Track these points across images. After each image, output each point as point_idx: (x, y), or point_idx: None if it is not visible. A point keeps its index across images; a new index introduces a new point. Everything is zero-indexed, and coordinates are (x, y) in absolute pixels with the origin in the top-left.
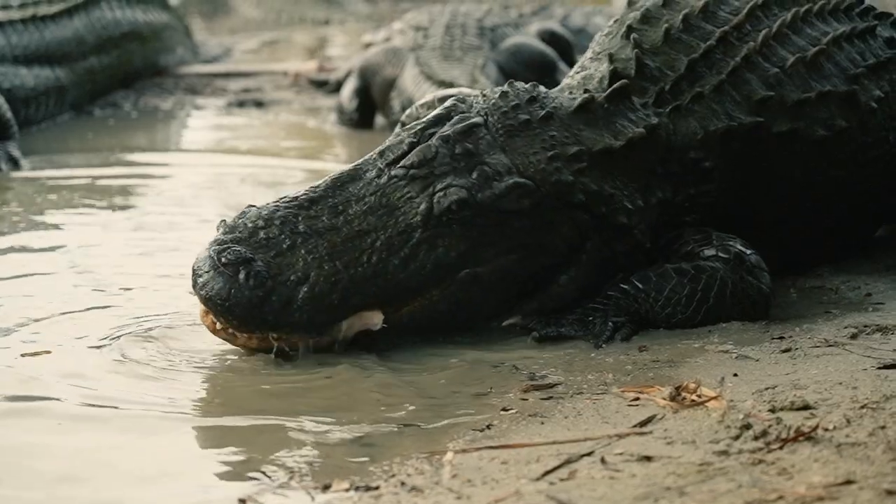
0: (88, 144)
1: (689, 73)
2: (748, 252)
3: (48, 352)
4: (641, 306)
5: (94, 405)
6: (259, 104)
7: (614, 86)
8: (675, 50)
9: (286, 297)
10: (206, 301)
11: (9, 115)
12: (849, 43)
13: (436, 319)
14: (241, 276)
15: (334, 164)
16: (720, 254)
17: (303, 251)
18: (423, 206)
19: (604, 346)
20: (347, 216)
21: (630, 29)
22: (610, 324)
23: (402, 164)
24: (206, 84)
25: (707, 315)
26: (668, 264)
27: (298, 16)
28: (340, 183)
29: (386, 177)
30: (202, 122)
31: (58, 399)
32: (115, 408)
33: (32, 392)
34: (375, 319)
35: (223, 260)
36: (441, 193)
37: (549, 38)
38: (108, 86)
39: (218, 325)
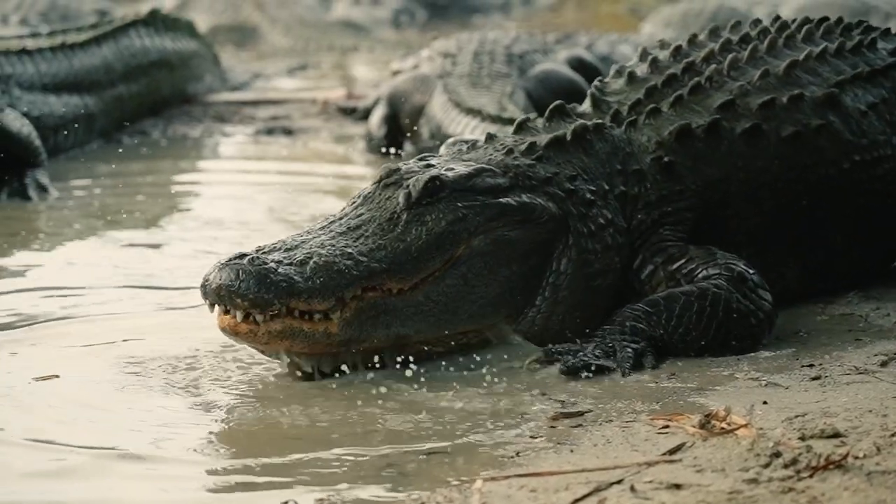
0: (117, 172)
1: (648, 97)
2: (750, 272)
3: (56, 376)
4: (656, 330)
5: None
6: (288, 132)
7: (551, 106)
8: (636, 87)
9: (296, 267)
10: (217, 294)
11: (37, 142)
12: (836, 56)
13: (448, 299)
14: (245, 260)
15: None
16: (723, 272)
17: (307, 244)
18: (401, 196)
19: (629, 373)
20: (342, 220)
21: (601, 81)
22: (629, 350)
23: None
24: (235, 112)
25: (718, 332)
26: (672, 287)
27: (327, 43)
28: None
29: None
30: (231, 150)
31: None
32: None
33: None
34: None
35: (225, 260)
36: (413, 181)
37: (578, 64)
38: (137, 113)
39: (237, 318)
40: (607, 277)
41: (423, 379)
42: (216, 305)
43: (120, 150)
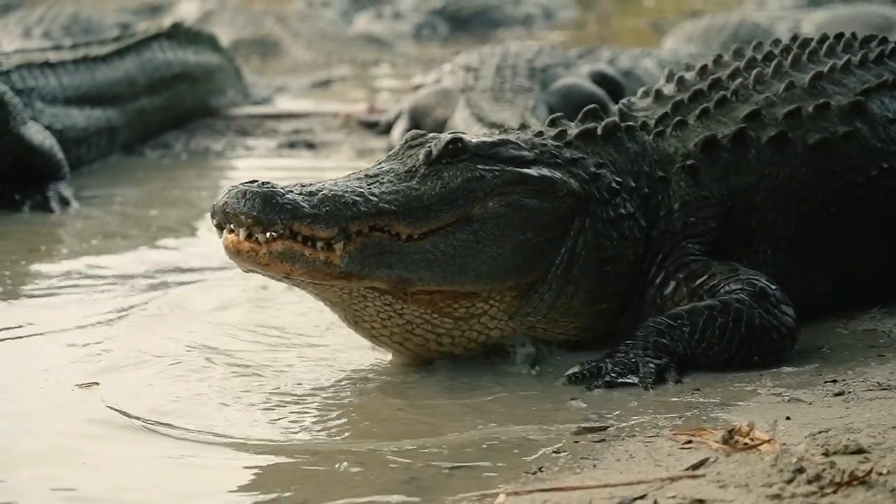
0: (139, 185)
1: (674, 111)
2: (773, 287)
3: (97, 383)
4: (678, 344)
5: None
6: (310, 145)
7: (585, 108)
8: (663, 103)
9: (305, 196)
10: (224, 211)
11: (60, 155)
12: (860, 67)
13: (457, 252)
14: (256, 184)
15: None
16: (745, 287)
17: (322, 184)
18: (422, 153)
19: (652, 388)
20: (361, 171)
21: (628, 100)
22: (652, 366)
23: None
24: (257, 125)
25: (741, 347)
26: (695, 302)
27: (349, 57)
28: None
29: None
30: (253, 164)
31: None
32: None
33: None
34: None
35: (234, 185)
36: (435, 141)
37: (601, 79)
38: (160, 127)
39: (240, 237)
40: (619, 265)
41: (443, 392)
42: (223, 228)
43: (142, 164)
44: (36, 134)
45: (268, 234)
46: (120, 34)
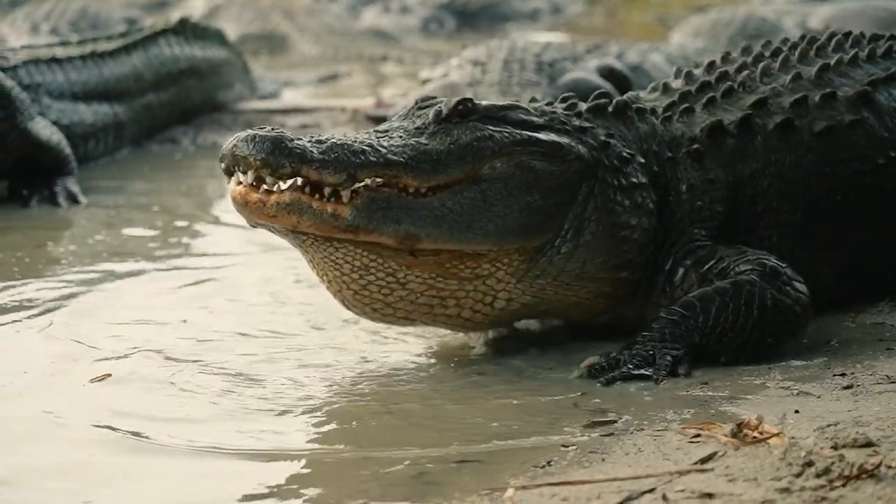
0: (147, 180)
1: (681, 100)
2: (783, 265)
3: (109, 375)
4: (693, 334)
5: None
6: None
7: (595, 92)
8: (670, 94)
9: (314, 143)
10: (233, 154)
11: (67, 151)
12: (868, 61)
13: (464, 210)
14: (265, 130)
15: None
16: (756, 267)
17: (333, 136)
18: (432, 112)
19: (664, 380)
20: (371, 130)
21: (635, 94)
22: (669, 357)
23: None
24: (265, 120)
25: (754, 329)
26: (705, 287)
27: (356, 52)
28: None
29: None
30: None
31: None
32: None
33: None
34: None
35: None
36: (444, 101)
37: (608, 74)
38: (167, 122)
39: (247, 181)
40: (634, 233)
41: (453, 386)
42: (231, 174)
43: (150, 159)
44: (43, 129)
45: (276, 183)
46: (127, 30)
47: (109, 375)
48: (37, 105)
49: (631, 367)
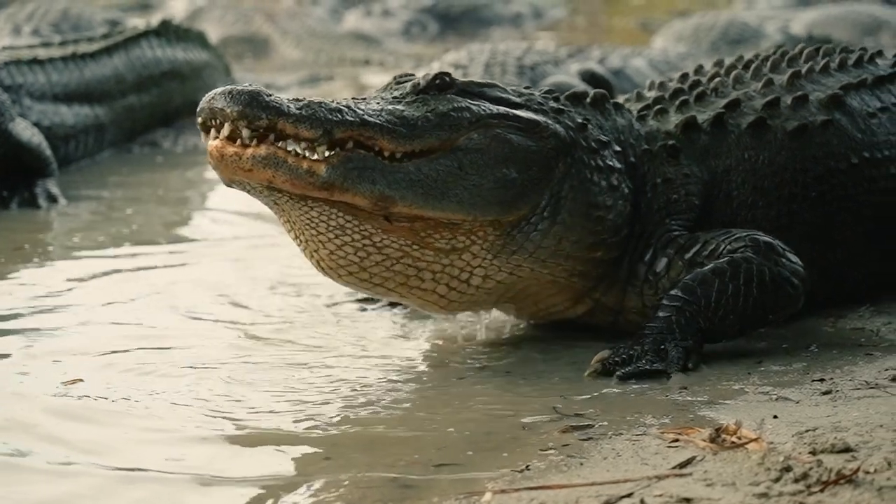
0: (127, 182)
1: (655, 103)
2: (775, 240)
3: (81, 380)
4: (699, 319)
5: None
6: None
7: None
8: (643, 100)
9: (292, 101)
10: (210, 108)
11: (48, 152)
12: (840, 70)
13: (440, 177)
14: (243, 85)
15: None
16: (749, 243)
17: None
18: (409, 84)
19: (674, 374)
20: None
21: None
22: (681, 348)
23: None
24: None
25: (755, 307)
26: (701, 269)
27: (338, 56)
28: None
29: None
30: None
31: None
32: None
33: None
34: None
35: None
36: (423, 75)
37: (590, 78)
38: (148, 124)
39: (224, 134)
40: (610, 212)
41: (431, 389)
42: (209, 130)
43: (131, 161)
44: (24, 131)
45: (254, 138)
46: (109, 31)
47: (81, 380)
48: (18, 106)
49: (645, 362)
